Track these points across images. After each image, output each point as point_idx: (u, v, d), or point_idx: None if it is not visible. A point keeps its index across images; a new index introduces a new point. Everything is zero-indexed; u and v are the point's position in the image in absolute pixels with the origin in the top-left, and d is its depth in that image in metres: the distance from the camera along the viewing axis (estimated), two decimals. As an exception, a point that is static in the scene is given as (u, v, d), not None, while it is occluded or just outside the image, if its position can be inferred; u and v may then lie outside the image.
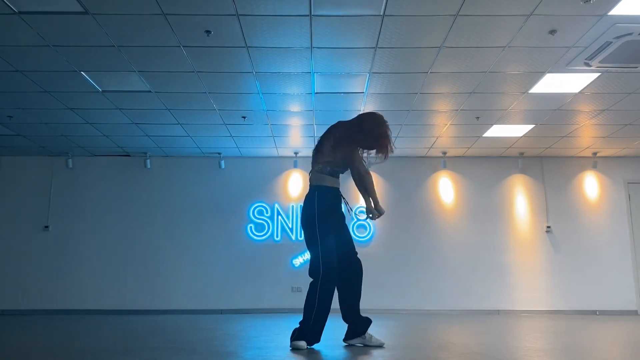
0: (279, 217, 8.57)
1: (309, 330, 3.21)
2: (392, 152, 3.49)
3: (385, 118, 3.55)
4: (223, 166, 8.70)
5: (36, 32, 4.63)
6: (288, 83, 5.84)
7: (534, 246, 8.57)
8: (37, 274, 8.31)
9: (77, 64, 5.32)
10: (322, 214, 3.33)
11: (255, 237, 8.56)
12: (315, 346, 3.30)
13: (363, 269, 3.52)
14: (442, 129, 7.44)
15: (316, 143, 3.53)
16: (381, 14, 4.34)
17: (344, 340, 3.46)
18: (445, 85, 5.87)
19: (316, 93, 6.14)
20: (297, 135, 7.74)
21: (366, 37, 4.76)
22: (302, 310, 3.27)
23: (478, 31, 4.65)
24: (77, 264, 8.37)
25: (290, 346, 3.23)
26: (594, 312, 8.21)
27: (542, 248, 8.55)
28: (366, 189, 3.46)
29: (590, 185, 8.73)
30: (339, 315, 3.46)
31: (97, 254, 8.43)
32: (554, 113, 6.76)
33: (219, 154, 8.64)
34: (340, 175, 3.52)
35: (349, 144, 3.39)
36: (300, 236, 8.49)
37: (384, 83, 5.81)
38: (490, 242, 8.56)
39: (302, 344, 3.18)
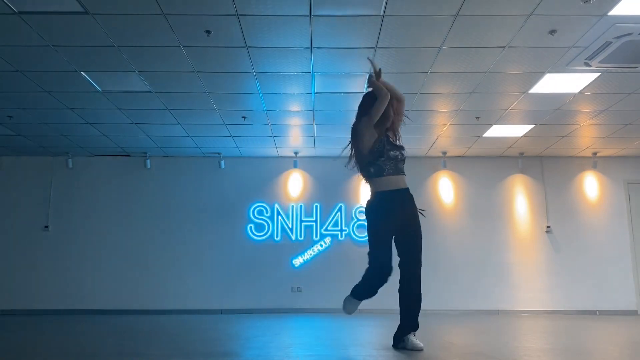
0: (279, 217, 8.56)
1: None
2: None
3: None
4: (223, 166, 8.70)
5: (36, 32, 4.62)
6: (288, 83, 5.84)
7: (534, 246, 8.56)
8: (37, 274, 8.30)
9: (77, 64, 5.32)
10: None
11: (255, 237, 8.55)
12: (317, 347, 3.28)
13: (363, 268, 3.49)
14: (442, 129, 7.44)
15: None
16: (381, 14, 4.34)
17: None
18: (445, 85, 5.87)
19: (316, 93, 6.14)
20: (297, 135, 7.74)
21: (366, 37, 4.76)
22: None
23: (478, 31, 4.65)
24: (77, 264, 8.37)
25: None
26: (594, 312, 8.21)
27: (542, 248, 8.55)
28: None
29: (590, 185, 8.73)
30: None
31: (97, 254, 8.42)
32: (554, 113, 6.76)
33: (219, 154, 8.64)
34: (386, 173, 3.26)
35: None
36: (300, 236, 8.50)
37: (384, 83, 5.80)
38: (490, 242, 8.56)
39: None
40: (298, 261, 8.46)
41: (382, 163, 3.22)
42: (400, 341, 3.22)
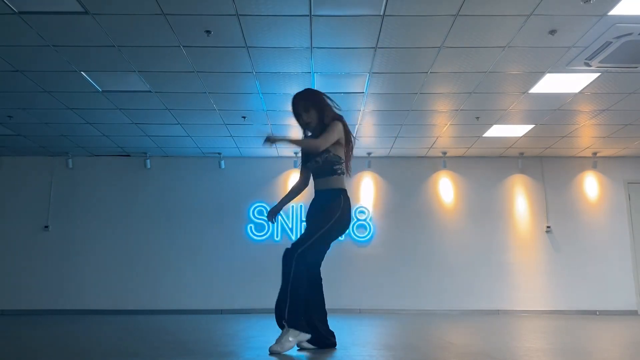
0: (279, 217, 8.56)
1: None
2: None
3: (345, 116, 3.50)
4: (223, 166, 8.70)
5: (36, 32, 4.63)
6: (288, 83, 5.84)
7: (534, 246, 8.56)
8: (37, 274, 8.30)
9: (77, 64, 5.32)
10: (341, 217, 3.19)
11: (255, 237, 8.55)
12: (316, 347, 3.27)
13: (363, 268, 3.50)
14: (442, 129, 7.44)
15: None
16: (381, 14, 4.34)
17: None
18: (445, 85, 5.87)
19: (316, 93, 6.13)
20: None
21: (366, 37, 4.76)
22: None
23: (478, 31, 4.65)
24: (77, 264, 8.37)
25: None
26: (594, 312, 8.21)
27: (542, 248, 8.55)
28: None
29: (590, 185, 8.73)
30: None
31: (97, 253, 8.42)
32: (554, 113, 6.76)
33: (219, 154, 8.64)
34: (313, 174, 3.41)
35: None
36: (300, 236, 8.48)
37: (384, 83, 5.81)
38: (490, 242, 8.56)
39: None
40: (298, 261, 8.43)
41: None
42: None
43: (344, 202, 3.23)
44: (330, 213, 3.17)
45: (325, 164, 3.27)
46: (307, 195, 3.50)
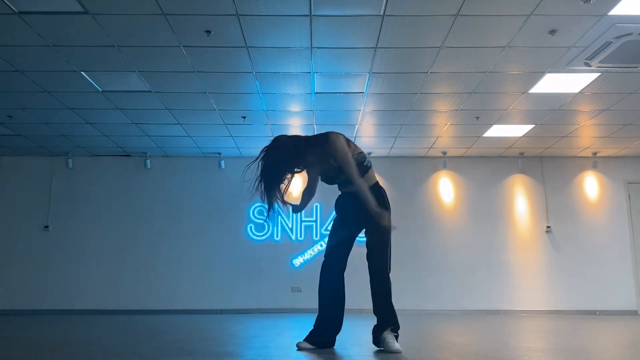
0: (279, 217, 8.56)
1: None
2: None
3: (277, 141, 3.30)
4: (223, 166, 8.70)
5: (36, 32, 4.63)
6: (288, 83, 5.84)
7: (534, 246, 8.56)
8: (37, 274, 8.30)
9: (77, 64, 5.32)
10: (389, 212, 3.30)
11: (255, 237, 8.55)
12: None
13: (363, 268, 3.55)
14: (442, 129, 7.44)
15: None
16: (381, 14, 4.34)
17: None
18: (445, 85, 5.87)
19: (316, 93, 6.14)
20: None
21: (366, 37, 4.76)
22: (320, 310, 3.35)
23: (478, 31, 4.65)
24: (76, 264, 8.37)
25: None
26: (594, 312, 8.21)
27: (542, 248, 8.55)
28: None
29: (590, 185, 8.73)
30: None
31: (97, 253, 8.42)
32: (554, 113, 6.76)
33: (219, 154, 8.64)
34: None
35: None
36: (300, 236, 8.49)
37: (384, 83, 5.81)
38: (490, 242, 8.56)
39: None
40: (298, 261, 8.46)
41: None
42: (378, 341, 3.14)
43: (385, 195, 3.32)
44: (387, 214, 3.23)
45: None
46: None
